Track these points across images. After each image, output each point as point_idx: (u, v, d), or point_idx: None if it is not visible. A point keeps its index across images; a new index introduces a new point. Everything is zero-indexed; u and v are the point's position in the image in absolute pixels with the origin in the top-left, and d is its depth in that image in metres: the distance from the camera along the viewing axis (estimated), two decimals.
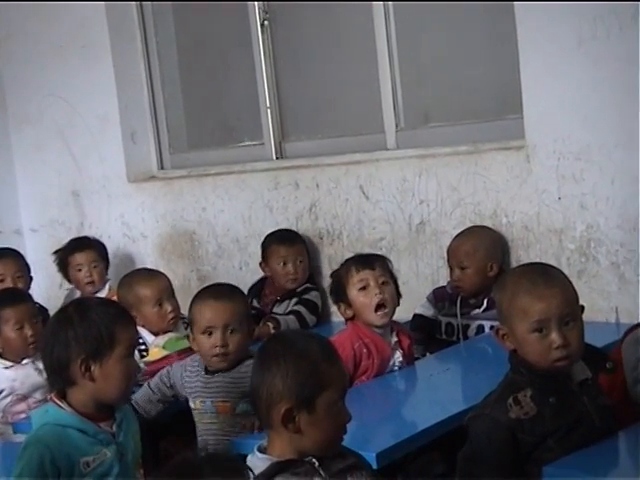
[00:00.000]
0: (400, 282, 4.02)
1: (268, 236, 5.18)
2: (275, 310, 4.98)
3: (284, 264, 5.03)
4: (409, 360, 3.89)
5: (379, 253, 4.34)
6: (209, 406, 3.53)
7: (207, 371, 3.56)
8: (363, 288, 3.78)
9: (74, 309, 2.86)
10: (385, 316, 3.77)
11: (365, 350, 3.74)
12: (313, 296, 5.02)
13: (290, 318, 4.83)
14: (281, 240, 5.09)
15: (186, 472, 1.84)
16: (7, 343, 4.18)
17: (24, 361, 4.16)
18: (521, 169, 4.49)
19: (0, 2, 6.06)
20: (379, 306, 3.76)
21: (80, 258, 5.46)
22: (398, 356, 3.83)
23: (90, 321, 2.80)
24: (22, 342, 4.14)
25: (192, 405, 3.58)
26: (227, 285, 3.81)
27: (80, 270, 5.45)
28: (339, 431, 2.40)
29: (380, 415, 3.49)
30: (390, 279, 3.85)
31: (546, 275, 2.77)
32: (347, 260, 3.96)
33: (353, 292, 3.79)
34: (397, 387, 3.84)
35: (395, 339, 3.84)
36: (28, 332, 4.12)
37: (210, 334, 3.50)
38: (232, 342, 3.49)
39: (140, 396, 3.68)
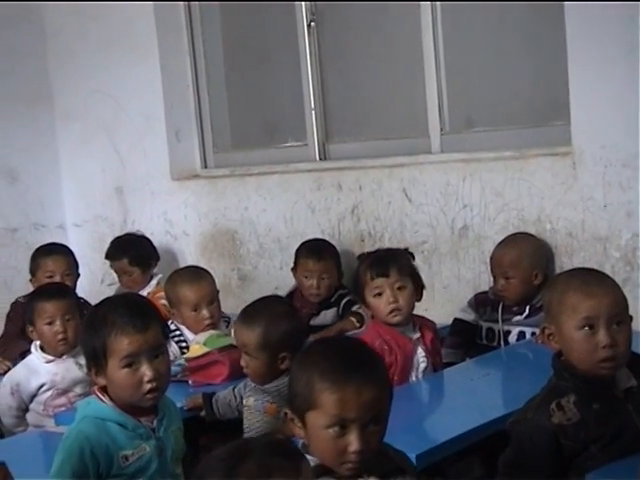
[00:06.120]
0: (441, 286, 4.02)
1: (302, 244, 5.16)
2: (312, 323, 4.92)
3: (308, 278, 5.04)
4: (433, 354, 3.90)
5: (399, 248, 4.19)
6: (259, 405, 3.52)
7: None
8: (379, 294, 3.83)
9: (90, 312, 2.94)
10: (398, 315, 3.81)
11: (386, 347, 3.78)
12: (351, 296, 5.00)
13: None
14: (309, 253, 5.07)
15: (237, 453, 1.78)
16: (41, 337, 4.20)
17: (64, 356, 4.18)
18: (567, 175, 4.46)
19: (50, 1, 6.12)
20: (393, 310, 3.81)
21: (115, 266, 5.55)
22: (421, 351, 3.84)
23: (90, 331, 2.83)
24: (52, 338, 4.15)
25: (245, 402, 3.58)
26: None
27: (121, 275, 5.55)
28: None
29: (419, 418, 3.47)
30: (408, 277, 3.86)
31: (598, 275, 2.78)
32: (364, 259, 3.96)
33: (369, 297, 3.86)
34: (437, 390, 3.83)
35: (418, 334, 3.86)
36: (59, 328, 4.13)
37: None
38: None
39: (222, 396, 3.69)
